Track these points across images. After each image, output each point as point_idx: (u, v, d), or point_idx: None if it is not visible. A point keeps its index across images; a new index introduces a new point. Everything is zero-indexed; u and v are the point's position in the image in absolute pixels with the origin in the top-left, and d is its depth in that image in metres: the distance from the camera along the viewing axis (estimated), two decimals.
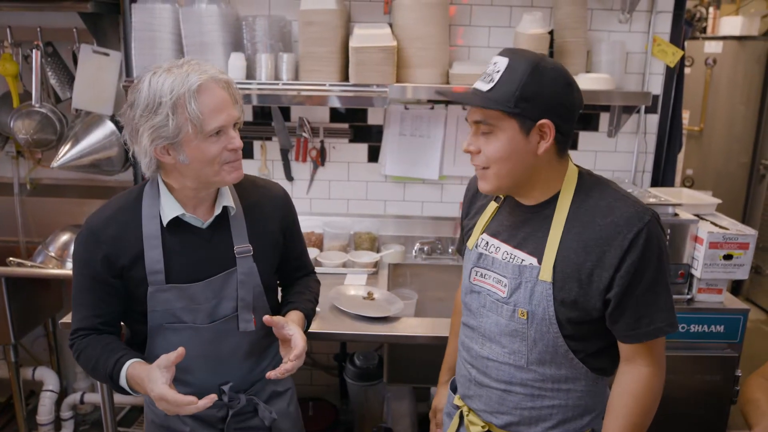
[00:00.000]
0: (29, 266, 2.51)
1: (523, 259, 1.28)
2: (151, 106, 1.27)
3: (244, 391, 1.53)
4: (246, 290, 1.46)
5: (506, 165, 1.22)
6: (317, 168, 2.73)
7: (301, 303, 1.57)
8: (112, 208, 1.42)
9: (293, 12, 2.45)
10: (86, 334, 1.42)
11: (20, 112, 2.59)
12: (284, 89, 2.33)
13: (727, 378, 2.12)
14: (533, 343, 1.28)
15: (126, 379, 1.33)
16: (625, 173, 2.70)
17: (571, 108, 1.23)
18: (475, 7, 2.54)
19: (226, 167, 1.35)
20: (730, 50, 4.42)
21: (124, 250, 1.38)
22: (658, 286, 1.21)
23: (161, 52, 2.34)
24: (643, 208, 1.21)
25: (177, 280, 1.40)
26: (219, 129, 1.31)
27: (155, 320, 1.42)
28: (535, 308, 1.25)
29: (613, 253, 1.18)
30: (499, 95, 1.17)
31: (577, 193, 1.26)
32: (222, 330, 1.46)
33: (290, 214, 1.60)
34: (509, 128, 1.19)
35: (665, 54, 2.54)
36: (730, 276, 2.11)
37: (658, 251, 1.20)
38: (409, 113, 2.64)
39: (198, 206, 1.42)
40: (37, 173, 2.83)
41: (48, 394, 2.84)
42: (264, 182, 1.60)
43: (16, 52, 2.60)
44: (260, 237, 1.49)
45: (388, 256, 2.59)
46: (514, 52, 1.21)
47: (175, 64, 1.32)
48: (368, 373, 2.54)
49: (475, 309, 1.38)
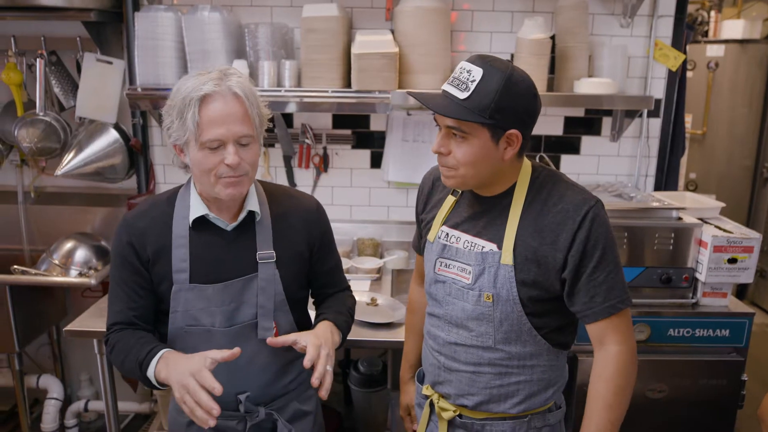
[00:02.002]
0: (33, 274, 2.52)
1: (483, 246, 1.37)
2: (170, 105, 1.33)
3: (264, 404, 1.49)
4: (266, 297, 1.44)
5: (474, 168, 1.30)
6: (320, 174, 2.73)
7: (330, 314, 1.53)
8: (147, 204, 1.47)
9: (295, 19, 2.46)
10: (122, 328, 1.42)
11: (24, 121, 2.60)
12: (287, 96, 2.34)
13: (733, 382, 2.11)
14: (499, 324, 1.36)
15: (156, 364, 1.31)
16: (628, 177, 2.69)
17: (534, 116, 1.33)
18: (476, 12, 2.55)
19: (222, 181, 1.34)
20: (732, 53, 4.42)
21: (150, 242, 1.41)
22: (608, 265, 1.30)
23: (164, 60, 2.35)
24: (589, 195, 1.33)
25: (198, 280, 1.41)
26: (216, 142, 1.30)
27: (176, 322, 1.43)
28: (499, 290, 1.34)
29: (564, 235, 1.29)
30: (475, 105, 1.23)
31: (532, 184, 1.37)
32: (240, 336, 1.43)
33: (320, 227, 1.56)
34: (482, 136, 1.27)
35: (667, 58, 2.55)
36: (734, 279, 2.10)
37: (605, 231, 1.30)
38: (411, 119, 2.64)
39: (222, 208, 1.43)
40: (41, 181, 2.84)
41: (52, 402, 2.83)
42: (298, 194, 1.60)
43: (21, 60, 2.61)
44: (285, 246, 1.47)
45: (391, 262, 2.59)
46: (487, 62, 1.25)
47: (207, 70, 1.34)
48: (372, 379, 2.53)
49: (441, 298, 1.44)
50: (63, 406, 2.88)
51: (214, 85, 1.29)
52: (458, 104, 1.25)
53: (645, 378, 2.11)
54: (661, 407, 2.13)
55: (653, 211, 2.14)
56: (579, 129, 2.69)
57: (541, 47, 2.34)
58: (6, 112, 2.72)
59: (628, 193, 2.37)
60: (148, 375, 1.33)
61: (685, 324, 2.11)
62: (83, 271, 2.56)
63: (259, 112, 1.36)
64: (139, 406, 2.96)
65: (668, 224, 2.11)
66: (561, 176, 1.40)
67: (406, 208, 2.76)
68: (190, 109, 1.28)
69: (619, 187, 2.51)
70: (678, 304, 2.14)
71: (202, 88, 1.28)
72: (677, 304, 2.14)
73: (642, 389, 2.11)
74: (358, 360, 2.61)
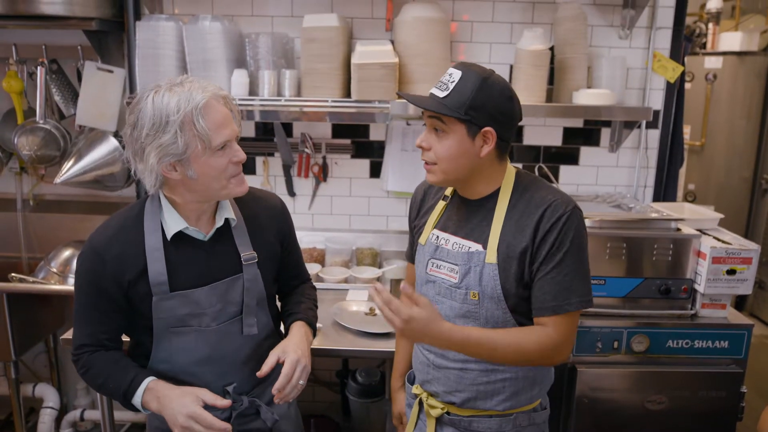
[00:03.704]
0: (31, 282, 2.51)
1: (470, 247, 1.44)
2: (157, 125, 1.29)
3: (247, 393, 1.55)
4: (250, 296, 1.51)
5: (452, 163, 1.39)
6: (319, 184, 2.74)
7: (302, 312, 1.62)
8: (114, 228, 1.44)
9: (296, 29, 2.47)
10: (93, 351, 1.45)
11: (24, 129, 2.60)
12: (286, 105, 2.34)
13: (733, 394, 2.11)
14: (485, 321, 1.43)
15: (143, 394, 1.39)
16: (626, 188, 2.70)
17: (511, 118, 1.40)
18: (476, 23, 2.56)
19: (233, 180, 1.40)
20: (730, 65, 4.44)
21: (129, 266, 1.40)
22: (567, 267, 1.36)
23: (165, 69, 2.36)
24: (569, 199, 1.41)
25: (179, 288, 1.43)
26: (224, 144, 1.36)
27: (160, 326, 1.44)
28: (484, 288, 1.41)
29: (540, 231, 1.37)
30: (452, 102, 1.35)
31: (515, 188, 1.45)
32: (226, 333, 1.49)
33: (286, 223, 1.65)
34: (459, 131, 1.37)
35: (665, 69, 2.56)
36: (733, 291, 2.10)
37: (576, 235, 1.37)
38: (410, 129, 2.65)
39: (200, 219, 1.46)
40: (40, 189, 2.84)
41: (48, 411, 2.81)
42: (261, 193, 1.64)
43: (21, 69, 2.62)
44: (261, 246, 1.54)
45: (390, 271, 2.58)
46: (467, 66, 1.37)
47: (175, 82, 1.34)
48: (370, 389, 2.52)
49: (431, 297, 1.50)
50: (59, 415, 2.86)
51: (202, 93, 1.32)
52: (438, 101, 1.36)
53: (644, 389, 2.10)
54: (660, 419, 2.12)
55: (652, 222, 2.14)
56: (578, 140, 2.69)
57: (540, 58, 2.35)
58: (6, 119, 2.72)
59: (626, 204, 2.37)
60: (134, 403, 1.41)
61: (684, 335, 2.10)
62: None
63: (237, 110, 1.43)
64: (135, 416, 2.93)
65: (667, 235, 2.11)
66: (543, 181, 1.50)
67: (405, 217, 2.73)
68: (197, 119, 1.30)
69: (617, 197, 2.51)
70: (677, 316, 2.14)
71: (195, 98, 1.30)
72: (676, 316, 2.14)
73: (641, 401, 2.11)
74: (356, 370, 2.60)
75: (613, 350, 2.10)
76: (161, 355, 1.47)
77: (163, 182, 1.39)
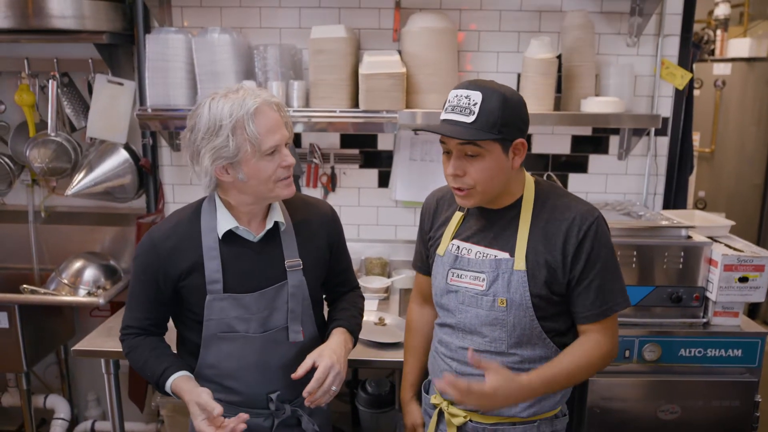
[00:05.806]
0: (42, 293, 2.53)
1: (495, 255, 1.46)
2: (212, 129, 1.38)
3: (290, 401, 1.58)
4: (296, 302, 1.55)
5: (491, 182, 1.41)
6: (328, 194, 2.74)
7: (345, 320, 1.64)
8: (172, 222, 1.54)
9: (304, 40, 2.48)
10: (137, 334, 1.56)
11: (36, 141, 2.63)
12: (295, 116, 2.36)
13: (747, 403, 2.08)
14: (512, 329, 1.44)
15: (171, 387, 1.48)
16: (636, 196, 2.69)
17: (528, 123, 1.44)
18: (483, 33, 2.57)
19: (280, 184, 1.46)
20: (739, 72, 4.42)
21: (182, 259, 1.49)
22: (606, 272, 1.43)
23: (175, 82, 2.38)
24: (593, 207, 1.45)
25: (232, 290, 1.49)
26: (274, 148, 1.41)
27: (210, 329, 1.50)
28: (513, 295, 1.43)
29: (571, 242, 1.40)
30: (484, 125, 1.35)
31: (537, 196, 1.48)
32: (273, 340, 1.54)
33: (336, 230, 1.68)
34: (494, 150, 1.38)
35: (674, 77, 2.55)
36: (746, 299, 2.08)
37: (606, 241, 1.44)
38: (418, 138, 2.65)
39: (251, 221, 1.52)
40: (52, 201, 2.86)
41: (59, 422, 2.83)
42: (313, 200, 1.70)
43: (33, 82, 2.65)
44: (309, 252, 1.58)
45: (399, 281, 2.58)
46: (481, 85, 1.37)
47: (231, 89, 1.42)
48: (380, 400, 2.51)
49: (453, 307, 1.51)
50: (70, 426, 2.87)
51: (254, 99, 1.38)
52: (468, 127, 1.35)
53: (656, 398, 2.08)
54: (673, 429, 2.10)
55: (662, 229, 2.13)
56: (586, 148, 2.69)
57: (547, 66, 2.36)
58: (18, 132, 2.75)
59: (636, 212, 2.36)
60: (166, 390, 1.50)
61: (696, 344, 2.08)
62: (92, 290, 2.57)
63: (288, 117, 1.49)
64: (145, 426, 2.94)
65: (678, 243, 2.10)
66: (561, 187, 1.55)
67: (414, 227, 2.75)
68: (248, 123, 1.36)
69: (627, 205, 2.50)
70: (689, 324, 2.12)
71: (247, 103, 1.37)
72: (688, 324, 2.12)
73: (653, 410, 2.09)
74: (365, 380, 2.59)
75: (624, 359, 2.09)
76: (209, 360, 1.52)
77: (217, 184, 1.47)
